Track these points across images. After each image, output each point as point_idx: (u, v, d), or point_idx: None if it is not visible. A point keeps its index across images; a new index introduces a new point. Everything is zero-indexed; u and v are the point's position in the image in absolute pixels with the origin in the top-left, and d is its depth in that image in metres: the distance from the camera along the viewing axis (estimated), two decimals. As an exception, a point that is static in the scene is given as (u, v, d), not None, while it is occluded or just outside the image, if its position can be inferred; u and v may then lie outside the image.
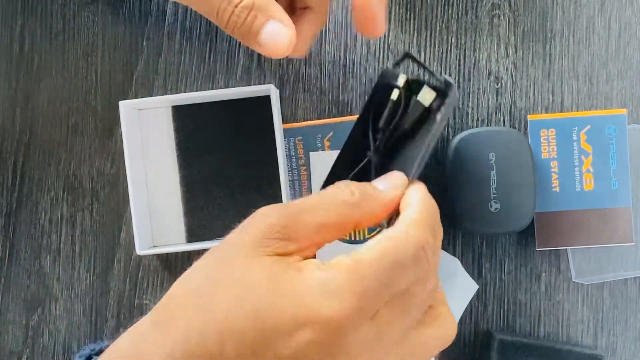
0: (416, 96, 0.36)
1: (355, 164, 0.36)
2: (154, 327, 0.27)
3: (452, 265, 0.50)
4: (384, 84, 0.37)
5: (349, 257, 0.27)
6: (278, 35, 0.34)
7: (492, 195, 0.48)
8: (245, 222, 0.29)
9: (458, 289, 0.49)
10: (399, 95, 0.36)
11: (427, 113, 0.36)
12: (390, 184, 0.32)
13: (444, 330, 0.30)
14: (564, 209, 0.50)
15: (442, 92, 0.36)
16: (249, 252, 0.27)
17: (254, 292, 0.26)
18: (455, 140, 0.49)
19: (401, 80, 0.36)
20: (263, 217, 0.29)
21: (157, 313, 0.28)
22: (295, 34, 0.35)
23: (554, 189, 0.50)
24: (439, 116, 0.35)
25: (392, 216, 0.33)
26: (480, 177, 0.48)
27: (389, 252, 0.27)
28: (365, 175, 0.36)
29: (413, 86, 0.36)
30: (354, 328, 0.25)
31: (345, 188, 0.30)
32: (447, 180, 0.49)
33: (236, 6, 0.34)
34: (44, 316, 0.53)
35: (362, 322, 0.26)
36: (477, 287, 0.50)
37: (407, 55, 0.37)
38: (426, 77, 0.38)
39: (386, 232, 0.28)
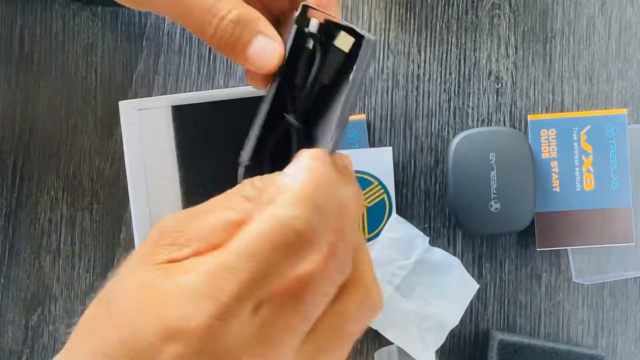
0: (334, 42, 0.30)
1: (278, 131, 0.32)
2: None
3: (452, 265, 0.49)
4: (301, 34, 0.31)
5: (212, 255, 0.25)
6: (268, 50, 0.32)
7: (492, 195, 0.48)
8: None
9: (458, 289, 0.49)
10: (314, 43, 0.30)
11: (349, 63, 0.30)
12: (297, 167, 0.27)
13: (363, 296, 0.27)
14: (564, 209, 0.50)
15: (359, 39, 0.30)
16: (138, 265, 0.26)
17: (124, 311, 0.24)
18: (455, 140, 0.49)
19: (314, 25, 0.30)
20: (159, 225, 0.27)
21: (64, 347, 0.27)
22: (283, 49, 0.33)
23: (554, 189, 0.50)
24: (350, 75, 0.29)
25: None
26: (480, 177, 0.48)
27: (251, 245, 0.24)
28: (289, 143, 0.32)
29: (329, 30, 0.30)
30: (224, 333, 0.23)
31: (248, 184, 0.28)
32: (447, 181, 0.49)
33: (222, 19, 0.31)
34: (43, 316, 0.53)
35: (232, 324, 0.23)
36: (477, 286, 0.50)
37: (305, 7, 0.31)
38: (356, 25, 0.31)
39: (257, 218, 0.25)
